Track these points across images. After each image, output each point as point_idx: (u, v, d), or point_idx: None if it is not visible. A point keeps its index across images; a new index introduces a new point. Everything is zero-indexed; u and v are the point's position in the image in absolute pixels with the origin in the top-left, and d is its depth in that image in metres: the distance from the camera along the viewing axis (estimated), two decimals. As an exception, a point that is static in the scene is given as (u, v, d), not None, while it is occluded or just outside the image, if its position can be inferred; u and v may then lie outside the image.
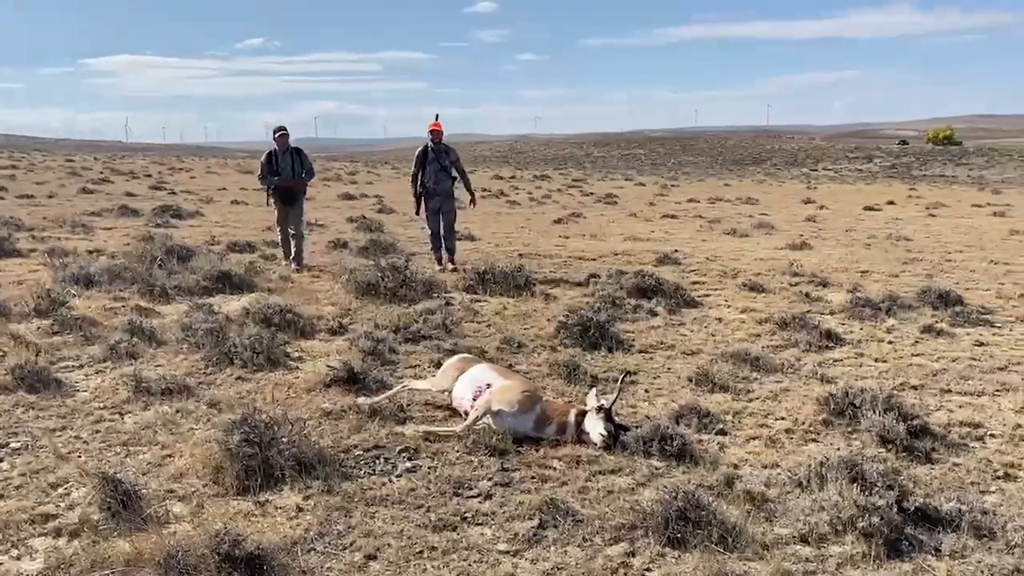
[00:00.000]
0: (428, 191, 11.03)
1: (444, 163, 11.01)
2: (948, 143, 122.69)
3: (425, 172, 10.99)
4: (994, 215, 23.39)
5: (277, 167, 10.91)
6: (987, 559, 3.60)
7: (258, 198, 23.36)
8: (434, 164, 10.97)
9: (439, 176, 10.98)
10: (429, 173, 10.96)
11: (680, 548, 3.64)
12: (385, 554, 3.54)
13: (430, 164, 10.97)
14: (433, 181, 10.96)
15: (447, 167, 11.02)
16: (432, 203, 11.07)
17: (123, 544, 3.48)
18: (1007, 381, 6.57)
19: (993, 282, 11.36)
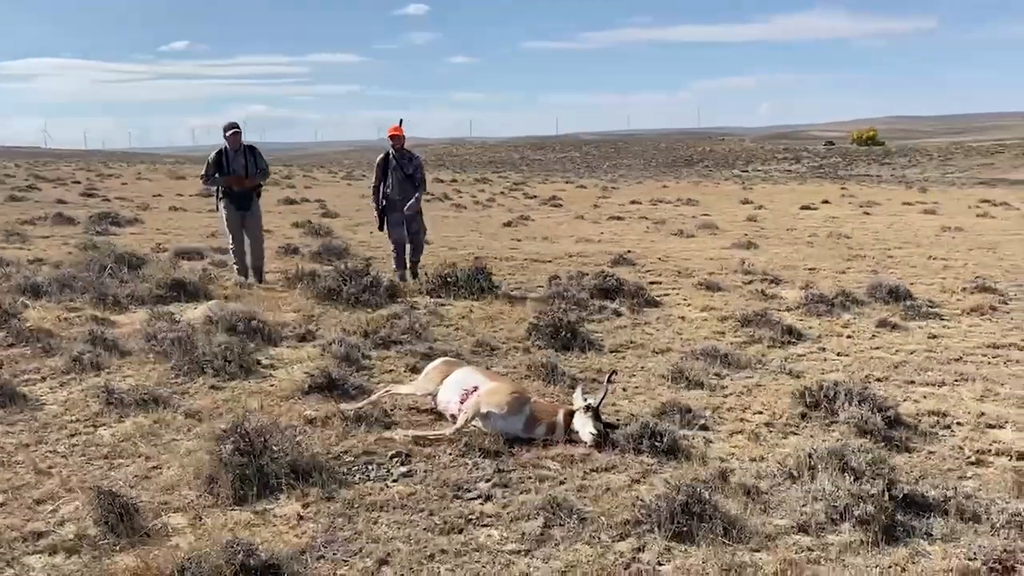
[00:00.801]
0: (391, 202, 10.18)
1: (408, 171, 10.14)
2: (872, 143, 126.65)
3: (387, 181, 10.16)
4: (924, 213, 24.24)
5: (228, 167, 9.83)
6: (977, 541, 3.73)
7: (198, 204, 22.97)
8: (397, 173, 10.11)
9: (403, 185, 10.13)
10: (391, 183, 10.13)
11: (687, 542, 3.69)
12: (396, 559, 3.51)
13: (392, 173, 10.12)
14: (397, 191, 10.12)
15: (412, 175, 10.17)
16: (395, 215, 10.21)
17: (127, 559, 3.38)
18: (964, 371, 6.81)
19: (935, 277, 11.78)
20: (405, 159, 10.18)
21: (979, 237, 17.46)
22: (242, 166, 9.84)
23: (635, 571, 3.46)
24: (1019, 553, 3.64)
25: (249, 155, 9.92)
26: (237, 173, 9.81)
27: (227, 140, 9.82)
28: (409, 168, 10.13)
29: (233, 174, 9.80)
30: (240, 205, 9.93)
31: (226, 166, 9.81)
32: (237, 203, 9.91)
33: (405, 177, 10.11)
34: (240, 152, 9.88)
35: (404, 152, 10.19)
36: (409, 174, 10.11)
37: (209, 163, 9.91)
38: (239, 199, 9.91)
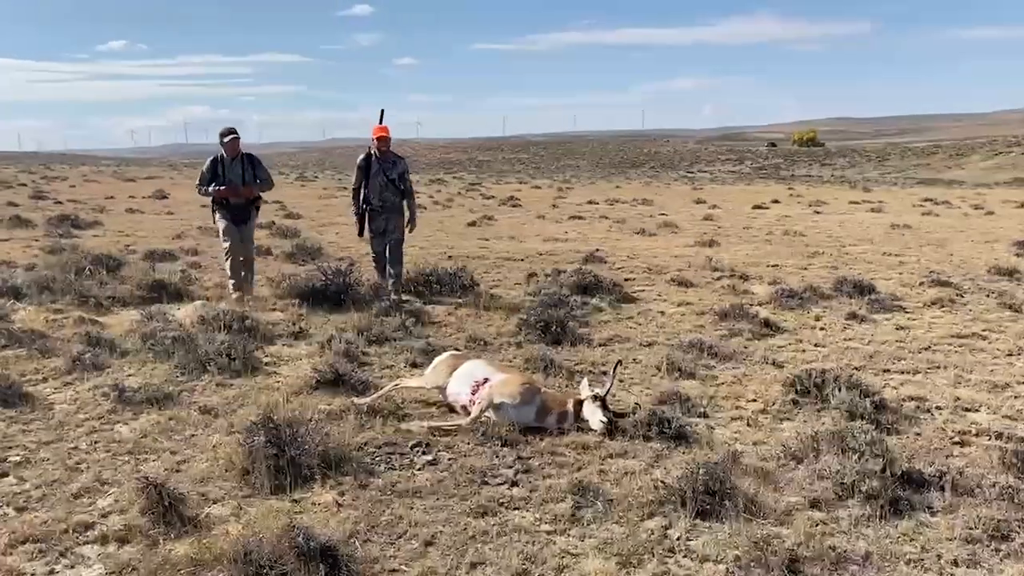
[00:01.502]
0: (372, 208, 9.18)
1: (391, 175, 9.11)
2: (812, 145, 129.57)
3: (369, 185, 9.12)
4: (872, 211, 25.02)
5: (224, 176, 8.87)
6: (973, 512, 4.02)
7: (155, 207, 22.66)
8: (379, 177, 9.07)
9: (385, 191, 9.13)
10: (373, 187, 9.09)
11: (711, 519, 3.91)
12: (441, 540, 3.66)
13: (374, 177, 9.07)
14: (378, 197, 9.11)
15: (395, 180, 9.15)
16: (376, 223, 9.22)
17: (182, 547, 3.48)
18: (934, 360, 7.19)
19: (892, 272, 12.25)
20: (389, 163, 9.17)
21: (927, 234, 18.12)
22: (239, 175, 8.93)
23: (668, 546, 3.66)
24: (1013, 522, 3.94)
25: (247, 164, 9.00)
26: (233, 183, 8.90)
27: (223, 147, 8.90)
28: (393, 173, 9.14)
29: (229, 184, 8.90)
30: (237, 218, 8.99)
31: (221, 175, 8.87)
32: (233, 216, 8.98)
33: (388, 182, 9.12)
34: (237, 160, 8.94)
35: (389, 154, 9.19)
36: (392, 179, 9.13)
37: (203, 172, 8.99)
38: (235, 212, 8.98)
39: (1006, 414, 5.75)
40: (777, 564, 3.44)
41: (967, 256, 14.17)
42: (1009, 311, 9.23)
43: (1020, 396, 6.18)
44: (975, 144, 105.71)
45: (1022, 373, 6.77)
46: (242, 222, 9.00)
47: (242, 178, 8.93)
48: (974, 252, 14.79)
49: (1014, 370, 6.87)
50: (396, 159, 9.27)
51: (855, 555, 3.60)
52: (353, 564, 3.35)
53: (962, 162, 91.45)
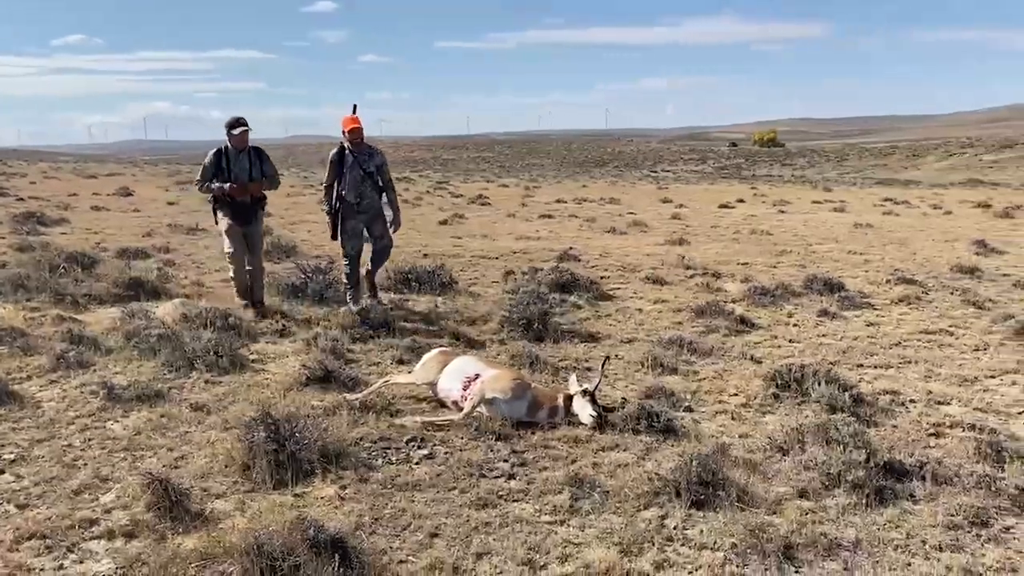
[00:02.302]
0: (348, 206, 8.33)
1: (368, 168, 8.29)
2: (772, 145, 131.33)
3: (343, 180, 8.30)
4: (835, 211, 25.45)
5: (229, 171, 7.96)
6: (953, 500, 4.19)
7: (120, 204, 22.36)
8: (355, 171, 8.25)
9: (363, 186, 8.30)
10: (348, 182, 8.27)
11: (705, 508, 4.03)
12: (445, 532, 3.74)
13: (350, 170, 8.25)
14: (355, 193, 8.27)
15: (372, 172, 8.33)
16: (352, 222, 8.38)
17: (190, 541, 3.52)
18: (905, 355, 7.40)
19: (858, 270, 12.51)
20: (364, 154, 8.35)
21: (890, 233, 18.49)
22: (245, 171, 7.99)
23: (666, 535, 3.77)
24: (991, 509, 4.11)
25: (255, 158, 8.09)
26: (239, 179, 7.97)
27: (230, 139, 7.99)
28: (370, 165, 8.31)
29: (235, 180, 7.98)
30: (242, 219, 8.09)
31: (226, 170, 7.96)
32: (237, 215, 8.08)
33: (365, 176, 8.30)
34: (244, 153, 8.03)
35: (364, 146, 8.38)
36: (369, 171, 8.31)
37: (205, 166, 8.01)
38: (240, 211, 8.08)
39: (977, 407, 5.96)
40: (773, 551, 3.57)
41: (929, 255, 14.51)
42: (973, 308, 9.51)
43: (989, 389, 6.41)
44: (931, 145, 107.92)
45: (989, 368, 7.00)
46: (246, 223, 8.12)
47: (249, 174, 8.01)
48: (935, 251, 15.14)
49: (981, 365, 7.10)
50: (372, 151, 8.45)
51: (846, 542, 3.74)
52: (362, 556, 3.41)
53: (918, 163, 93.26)
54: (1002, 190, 43.21)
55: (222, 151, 8.02)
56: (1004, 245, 15.87)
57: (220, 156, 8.01)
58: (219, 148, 8.05)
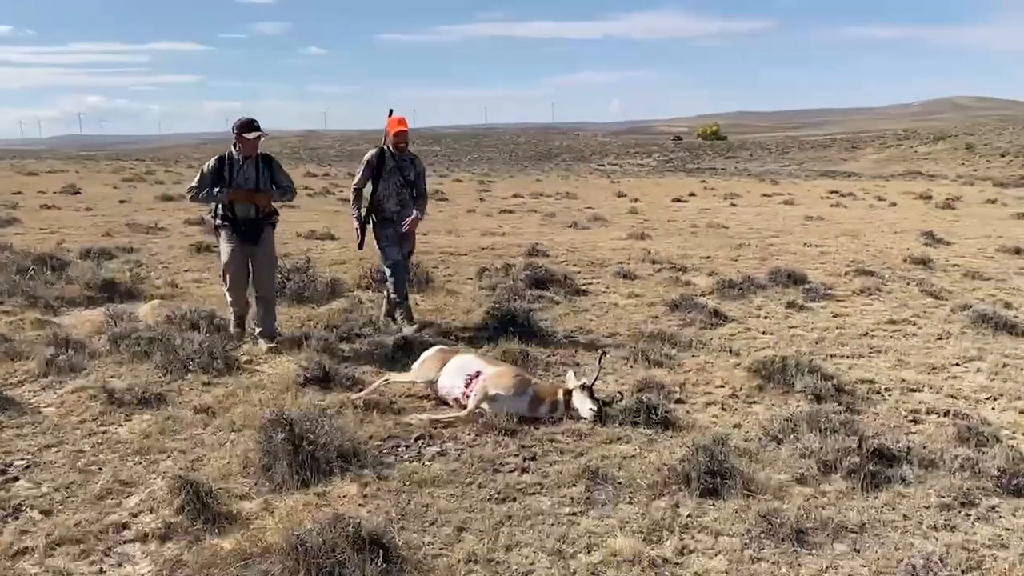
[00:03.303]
0: (386, 215, 7.70)
1: (409, 176, 7.75)
2: (715, 138, 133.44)
3: (380, 187, 7.65)
4: (784, 204, 26.08)
5: (230, 180, 6.94)
6: (941, 482, 4.46)
7: (70, 201, 21.87)
8: (395, 176, 7.65)
9: (402, 193, 7.72)
10: (388, 189, 7.64)
11: (714, 496, 4.22)
12: (472, 526, 3.87)
13: (388, 176, 7.62)
14: (395, 201, 7.68)
15: (412, 182, 7.80)
16: (388, 230, 7.71)
17: (225, 542, 3.59)
18: (874, 344, 7.73)
19: (816, 262, 12.90)
20: (407, 160, 7.76)
21: (840, 225, 19.05)
22: (251, 181, 6.99)
23: (682, 523, 3.95)
24: (976, 490, 4.38)
25: (263, 167, 7.09)
26: (244, 188, 7.01)
27: (240, 143, 6.96)
28: (411, 173, 7.77)
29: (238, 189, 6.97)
30: (246, 235, 7.08)
31: (228, 179, 6.95)
32: (241, 232, 7.06)
33: (404, 183, 7.72)
34: (251, 161, 7.02)
35: (406, 152, 7.78)
36: (409, 180, 7.76)
37: (204, 172, 6.99)
38: (244, 227, 7.05)
39: (948, 393, 6.28)
40: (786, 535, 3.77)
41: (881, 246, 15.01)
42: (931, 298, 9.92)
43: (956, 376, 6.74)
44: (868, 137, 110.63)
45: (953, 355, 7.35)
46: (252, 241, 7.08)
47: (256, 184, 7.03)
48: (886, 242, 15.67)
49: (946, 352, 7.45)
50: (413, 157, 7.88)
51: (851, 524, 3.96)
52: (400, 551, 3.52)
53: (856, 154, 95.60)
54: (939, 181, 44.63)
55: (225, 158, 6.98)
56: (949, 236, 16.50)
57: (223, 163, 6.96)
58: (222, 155, 7.03)
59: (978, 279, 11.44)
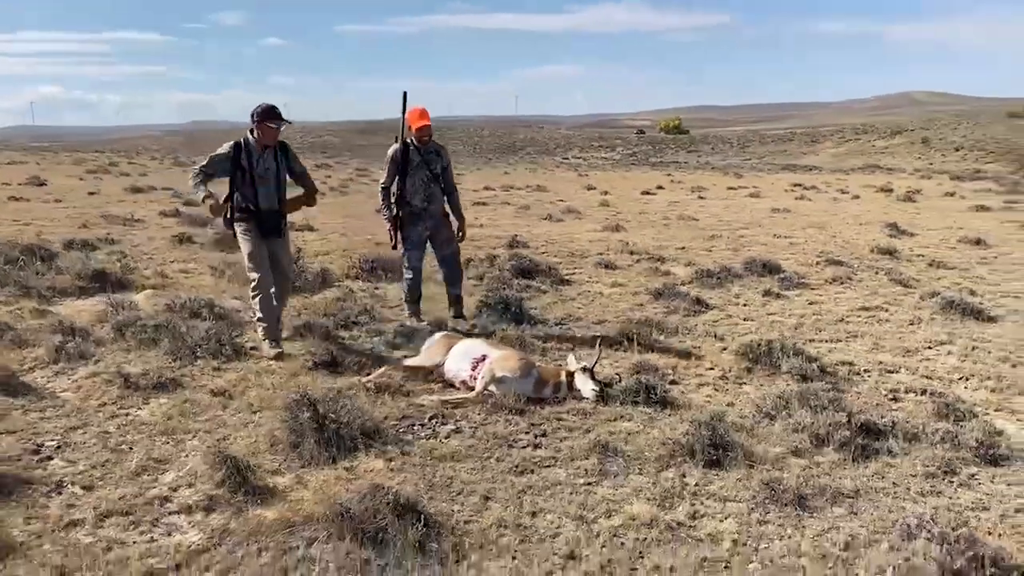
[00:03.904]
0: (414, 211, 7.52)
1: (435, 169, 7.49)
2: (678, 132, 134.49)
3: (407, 183, 7.43)
4: (751, 196, 26.59)
5: (250, 172, 6.55)
6: (924, 453, 4.80)
7: (36, 193, 21.62)
8: (421, 171, 7.41)
9: (430, 188, 7.49)
10: (415, 184, 7.42)
11: (718, 468, 4.51)
12: (497, 495, 4.11)
13: (415, 171, 7.40)
14: (423, 196, 7.46)
15: (439, 175, 7.56)
16: (417, 229, 7.54)
17: (268, 512, 3.79)
18: (850, 330, 8.10)
19: (787, 253, 13.30)
20: (432, 153, 7.51)
21: (806, 217, 19.54)
22: (272, 171, 6.67)
23: (691, 491, 4.24)
24: (956, 460, 4.72)
25: (280, 156, 6.75)
26: (267, 183, 6.67)
27: (260, 132, 6.56)
28: (437, 166, 7.52)
29: (260, 184, 6.62)
30: (267, 228, 6.71)
31: (246, 169, 6.55)
32: (262, 225, 6.69)
33: (432, 177, 7.49)
34: (270, 151, 6.66)
35: (432, 144, 7.54)
36: (436, 173, 7.51)
37: (215, 158, 6.54)
38: (266, 220, 6.70)
39: (923, 374, 6.64)
40: (788, 500, 4.07)
41: (848, 238, 15.48)
42: (900, 287, 10.35)
43: (929, 359, 7.11)
44: (827, 132, 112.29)
45: (925, 339, 7.74)
46: (273, 233, 6.76)
47: (276, 174, 6.69)
48: (852, 234, 16.15)
49: (918, 337, 7.83)
50: (439, 149, 7.60)
51: (846, 490, 4.28)
52: (435, 517, 3.75)
53: (816, 148, 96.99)
54: (898, 174, 45.62)
55: (241, 145, 6.56)
56: (912, 227, 17.04)
57: (239, 151, 6.53)
58: (238, 141, 6.59)
59: (943, 268, 11.92)
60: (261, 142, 6.58)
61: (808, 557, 3.62)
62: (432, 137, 7.52)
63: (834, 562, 3.59)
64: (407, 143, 7.44)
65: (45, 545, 3.53)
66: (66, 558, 3.42)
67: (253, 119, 6.54)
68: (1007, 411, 5.78)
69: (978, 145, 70.26)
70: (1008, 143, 68.28)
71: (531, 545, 3.66)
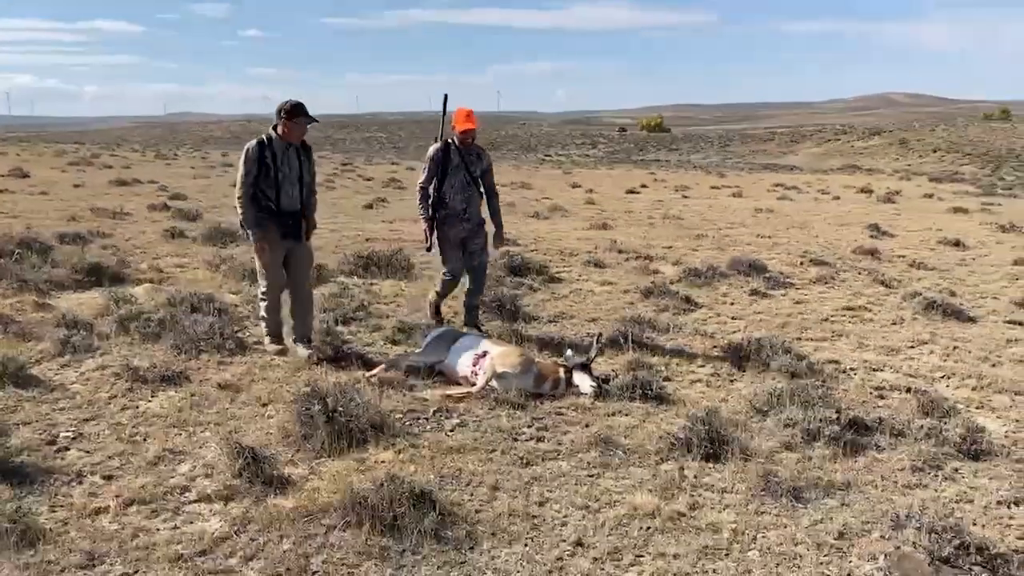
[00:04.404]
0: (452, 214, 7.27)
1: (475, 172, 7.27)
2: (659, 130, 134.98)
3: (445, 183, 7.18)
4: (733, 196, 26.90)
5: (275, 171, 6.27)
6: (910, 449, 5.00)
7: (19, 184, 21.52)
8: (460, 173, 7.17)
9: (469, 191, 7.25)
10: (454, 186, 7.17)
11: (715, 461, 4.69)
12: (505, 486, 4.28)
13: (455, 172, 7.15)
14: (462, 199, 7.21)
15: (479, 179, 7.34)
16: (455, 230, 7.29)
17: (286, 501, 3.93)
18: (835, 329, 8.32)
19: (771, 252, 13.55)
20: (473, 155, 7.28)
21: (788, 218, 19.84)
22: (295, 171, 6.40)
23: (690, 482, 4.42)
24: (940, 455, 4.94)
25: (303, 155, 6.50)
26: (291, 184, 6.39)
27: (285, 128, 6.31)
28: (477, 169, 7.29)
29: (284, 185, 6.34)
30: (288, 230, 6.46)
31: (272, 168, 6.27)
32: (284, 226, 6.44)
33: (471, 180, 7.25)
34: (292, 150, 6.40)
35: (473, 147, 7.29)
36: (476, 176, 7.29)
37: (247, 164, 6.24)
38: (287, 220, 6.44)
39: (907, 372, 6.87)
40: (784, 491, 4.26)
41: (830, 238, 15.77)
42: (882, 287, 10.61)
43: (912, 358, 7.35)
44: (807, 132, 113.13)
45: (908, 338, 7.97)
46: (293, 236, 6.51)
47: (300, 174, 6.42)
48: (835, 234, 16.44)
49: (901, 336, 8.07)
50: (480, 152, 7.34)
51: (838, 483, 4.47)
52: (448, 506, 3.91)
53: (796, 148, 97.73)
54: (877, 175, 46.20)
55: (265, 143, 6.27)
56: (892, 228, 17.38)
57: (264, 149, 6.25)
58: (261, 139, 6.31)
59: (923, 269, 12.21)
60: (285, 139, 6.33)
61: (804, 545, 3.80)
62: (475, 139, 7.29)
63: (829, 550, 3.78)
64: (448, 143, 7.23)
65: (71, 532, 3.65)
66: (94, 544, 3.54)
67: (280, 115, 6.27)
68: (988, 408, 6.02)
69: (954, 147, 71.16)
70: (983, 145, 69.22)
71: (540, 533, 3.82)
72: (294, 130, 6.30)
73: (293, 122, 6.26)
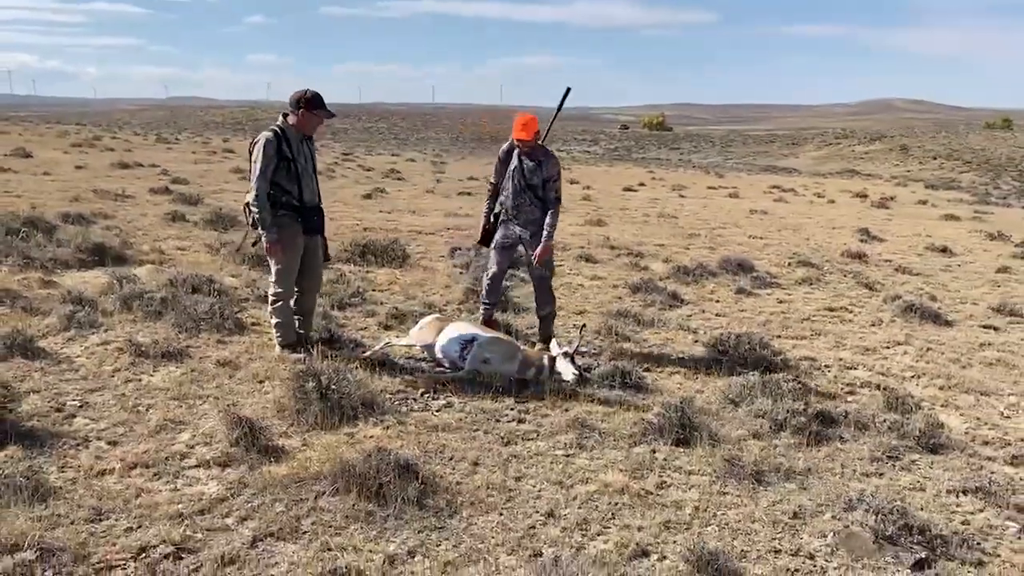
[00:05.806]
0: (504, 216, 7.00)
1: (533, 180, 6.77)
2: (661, 129, 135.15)
3: (503, 185, 6.95)
4: (730, 196, 27.18)
5: (292, 163, 5.97)
6: (872, 441, 5.29)
7: (24, 166, 21.75)
8: (516, 177, 6.81)
9: (521, 196, 6.82)
10: (508, 189, 6.89)
11: (684, 445, 4.97)
12: (485, 462, 4.56)
13: (511, 176, 6.84)
14: (512, 201, 6.87)
15: (536, 187, 6.79)
16: (500, 233, 7.07)
17: (279, 468, 4.21)
18: (815, 328, 8.60)
19: (761, 253, 13.84)
20: (533, 162, 6.76)
21: (782, 220, 20.12)
22: (310, 162, 6.16)
23: (660, 464, 4.70)
24: (900, 447, 5.22)
25: (312, 146, 6.26)
26: (307, 178, 6.11)
27: (300, 119, 6.01)
28: (535, 177, 6.76)
29: (305, 177, 6.07)
30: (310, 224, 6.20)
31: (290, 161, 5.96)
32: (308, 222, 6.17)
33: (526, 187, 6.79)
34: (305, 140, 6.12)
35: (536, 152, 6.77)
36: (532, 184, 6.78)
37: (269, 153, 5.85)
38: (308, 215, 6.16)
39: (879, 371, 7.15)
40: (746, 475, 4.54)
41: (821, 241, 16.05)
42: (865, 289, 10.89)
43: (886, 358, 7.63)
44: (808, 134, 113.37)
45: (884, 339, 8.25)
46: (314, 230, 6.24)
47: (313, 165, 6.21)
48: (825, 237, 16.73)
49: (877, 337, 8.35)
50: (543, 160, 6.76)
51: (799, 469, 4.75)
52: (427, 478, 4.19)
53: (796, 151, 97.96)
54: (875, 180, 46.48)
55: (280, 134, 5.93)
56: (882, 233, 17.67)
57: (280, 141, 5.92)
58: (275, 130, 5.95)
59: (908, 273, 12.50)
60: (299, 130, 6.03)
61: (760, 523, 4.09)
62: (535, 147, 6.75)
63: (783, 528, 4.06)
64: (514, 145, 6.82)
65: (79, 490, 3.92)
66: (100, 501, 3.82)
67: (299, 105, 5.94)
68: (952, 407, 6.30)
69: (955, 155, 71.42)
70: (984, 153, 69.49)
71: (515, 504, 4.10)
72: (311, 122, 6.03)
73: (312, 114, 5.99)
